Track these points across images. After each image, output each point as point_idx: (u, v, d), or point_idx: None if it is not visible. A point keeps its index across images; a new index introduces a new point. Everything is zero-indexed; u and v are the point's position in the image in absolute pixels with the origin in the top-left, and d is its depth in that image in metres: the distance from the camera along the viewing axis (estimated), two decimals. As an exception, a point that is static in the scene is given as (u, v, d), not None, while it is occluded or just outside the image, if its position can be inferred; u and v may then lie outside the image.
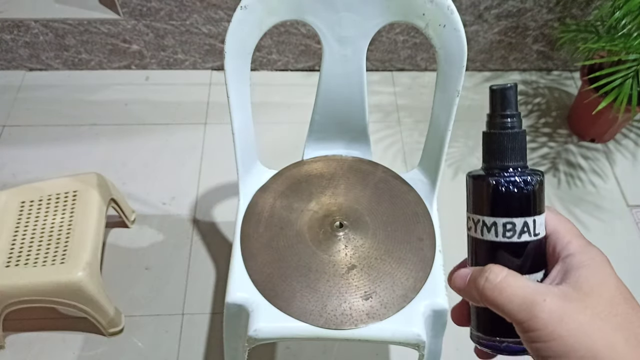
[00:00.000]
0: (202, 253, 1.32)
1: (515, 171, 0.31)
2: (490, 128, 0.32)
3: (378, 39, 1.65)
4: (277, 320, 0.77)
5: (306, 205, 0.90)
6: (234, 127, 0.83)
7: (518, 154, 0.31)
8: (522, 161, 0.31)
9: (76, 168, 1.46)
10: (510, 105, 0.31)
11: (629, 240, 1.39)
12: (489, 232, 0.31)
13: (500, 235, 0.31)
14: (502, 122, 0.31)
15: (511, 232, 0.30)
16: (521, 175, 0.30)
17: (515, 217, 0.30)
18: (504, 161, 0.31)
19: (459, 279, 0.32)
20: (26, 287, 1.01)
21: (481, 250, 0.32)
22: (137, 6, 1.51)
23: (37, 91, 1.66)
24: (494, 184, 0.31)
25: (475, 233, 0.32)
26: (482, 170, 0.32)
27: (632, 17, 1.21)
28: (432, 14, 0.77)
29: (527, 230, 0.30)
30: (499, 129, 0.31)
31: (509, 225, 0.30)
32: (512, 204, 0.30)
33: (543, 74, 1.78)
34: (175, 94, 1.66)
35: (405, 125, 1.61)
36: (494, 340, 0.32)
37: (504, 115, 0.31)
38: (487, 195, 0.31)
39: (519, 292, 0.28)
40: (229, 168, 1.45)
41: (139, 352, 1.16)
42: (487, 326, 0.33)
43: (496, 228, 0.31)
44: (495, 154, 0.31)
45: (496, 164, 0.31)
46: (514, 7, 1.55)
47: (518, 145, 0.31)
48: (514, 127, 0.31)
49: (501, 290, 0.28)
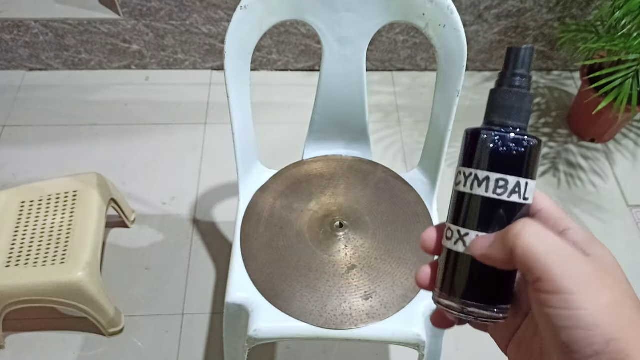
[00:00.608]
0: (202, 253, 1.32)
1: (515, 130, 0.30)
2: (497, 85, 0.32)
3: (378, 39, 1.65)
4: (277, 320, 0.77)
5: (306, 205, 0.90)
6: (234, 127, 0.83)
7: (521, 114, 0.31)
8: (524, 123, 0.31)
9: (76, 168, 1.46)
10: (523, 65, 0.31)
11: (629, 240, 1.39)
12: (479, 187, 0.30)
13: (490, 191, 0.30)
14: (511, 80, 0.31)
15: (502, 189, 0.30)
16: (521, 134, 0.30)
17: (509, 175, 0.30)
18: (506, 118, 0.31)
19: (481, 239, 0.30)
20: (26, 287, 1.01)
21: (466, 205, 0.31)
22: (137, 6, 1.51)
23: (37, 91, 1.66)
24: (492, 137, 0.30)
25: (464, 187, 0.31)
26: (482, 126, 0.32)
27: (632, 17, 1.21)
28: (432, 14, 0.77)
29: (518, 190, 0.30)
30: (507, 86, 0.31)
31: (502, 182, 0.30)
32: (508, 160, 0.30)
33: (543, 74, 1.78)
34: (175, 94, 1.66)
35: (405, 125, 1.61)
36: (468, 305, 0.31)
37: (514, 73, 0.31)
38: (485, 148, 0.30)
39: (558, 247, 0.26)
40: (229, 168, 1.45)
41: (139, 352, 1.16)
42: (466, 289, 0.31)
43: (488, 183, 0.30)
44: (499, 110, 0.31)
45: (498, 120, 0.31)
46: (514, 7, 1.55)
47: (523, 105, 0.31)
48: (522, 86, 0.31)
49: (540, 240, 0.26)
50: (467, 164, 0.31)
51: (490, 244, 0.29)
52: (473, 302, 0.31)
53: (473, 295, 0.31)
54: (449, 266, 0.32)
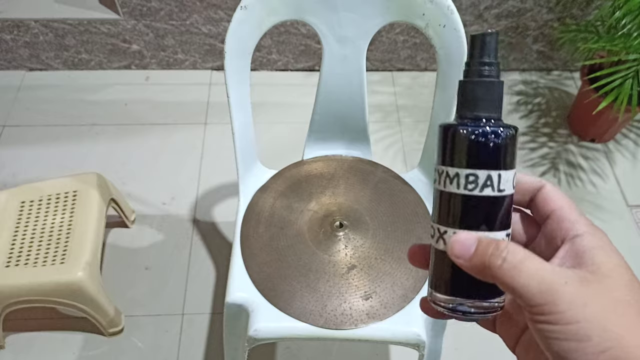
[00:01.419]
0: (202, 253, 1.32)
1: (485, 122, 0.30)
2: (465, 75, 0.31)
3: (378, 39, 1.65)
4: (277, 320, 0.77)
5: (306, 205, 0.90)
6: (234, 127, 0.83)
7: (491, 104, 0.30)
8: (495, 113, 0.30)
9: (76, 168, 1.46)
10: (489, 52, 0.30)
11: (629, 240, 1.39)
12: (451, 184, 0.30)
13: (462, 187, 0.29)
14: (479, 70, 0.30)
15: (473, 184, 0.29)
16: (491, 126, 0.29)
17: (478, 169, 0.29)
18: (475, 110, 0.30)
19: (460, 247, 0.29)
20: (26, 287, 1.01)
21: (443, 203, 0.31)
22: (137, 6, 1.51)
23: (37, 91, 1.66)
24: (460, 132, 0.29)
25: (439, 185, 0.31)
26: (453, 120, 0.31)
27: (632, 17, 1.21)
28: (432, 14, 0.77)
29: (490, 184, 0.29)
30: (475, 77, 0.30)
31: (472, 177, 0.29)
32: (476, 154, 0.29)
33: (543, 74, 1.78)
34: (175, 94, 1.66)
35: (405, 125, 1.61)
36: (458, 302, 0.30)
37: (481, 62, 0.30)
38: (453, 144, 0.30)
39: (538, 275, 0.26)
40: (229, 168, 1.45)
41: (139, 352, 1.16)
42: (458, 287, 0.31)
43: (458, 179, 0.29)
44: (467, 102, 0.30)
45: (466, 113, 0.30)
46: (514, 7, 1.55)
47: (491, 95, 0.30)
48: (490, 75, 0.30)
49: (519, 271, 0.26)
50: (440, 162, 0.31)
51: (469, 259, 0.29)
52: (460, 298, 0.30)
53: (459, 291, 0.30)
54: (434, 264, 0.32)
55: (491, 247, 0.28)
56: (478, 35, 0.30)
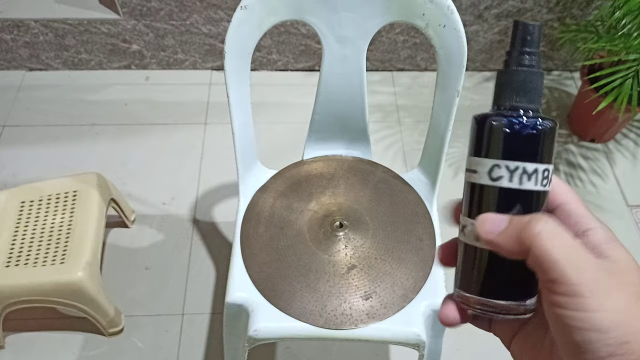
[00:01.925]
0: (202, 253, 1.32)
1: (525, 112, 0.29)
2: (505, 64, 0.30)
3: (378, 39, 1.65)
4: (277, 320, 0.77)
5: (306, 205, 0.90)
6: (234, 127, 0.83)
7: (531, 95, 0.29)
8: (534, 104, 0.29)
9: (76, 168, 1.46)
10: (532, 42, 0.29)
11: (629, 240, 1.39)
12: (488, 176, 0.29)
13: (499, 180, 0.28)
14: (520, 58, 0.29)
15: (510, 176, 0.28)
16: (531, 117, 0.28)
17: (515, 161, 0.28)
18: (514, 101, 0.29)
19: (491, 223, 0.28)
20: (26, 287, 1.01)
21: (476, 195, 0.30)
22: (137, 6, 1.51)
23: (37, 91, 1.66)
24: (496, 123, 0.28)
25: (472, 178, 0.30)
26: (491, 111, 0.30)
27: (632, 17, 1.21)
28: (432, 14, 0.77)
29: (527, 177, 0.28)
30: (516, 66, 0.29)
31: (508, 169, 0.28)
32: (517, 146, 0.28)
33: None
34: (175, 94, 1.66)
35: (405, 125, 1.61)
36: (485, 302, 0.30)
37: (523, 51, 0.29)
38: (489, 135, 0.29)
39: (573, 252, 0.26)
40: (229, 168, 1.45)
41: (139, 352, 1.16)
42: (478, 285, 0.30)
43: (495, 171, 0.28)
44: (506, 92, 0.29)
45: (505, 103, 0.29)
46: (514, 7, 1.55)
47: (533, 85, 0.29)
48: (532, 65, 0.29)
49: (556, 243, 0.26)
50: (474, 153, 0.30)
51: (502, 232, 0.28)
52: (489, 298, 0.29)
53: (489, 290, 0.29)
54: (464, 261, 0.31)
55: (526, 217, 0.27)
56: (522, 23, 0.29)
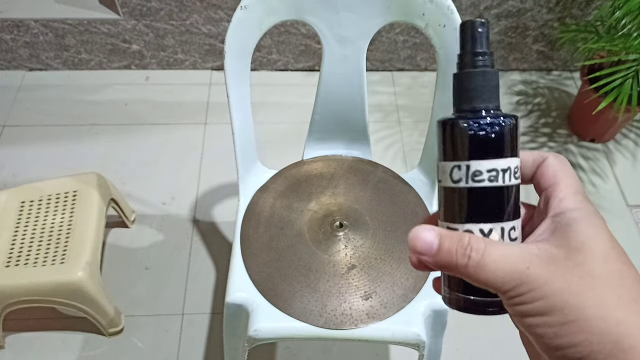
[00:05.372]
0: (202, 253, 1.32)
1: (485, 113, 0.29)
2: (459, 67, 0.30)
3: (378, 39, 1.65)
4: (277, 320, 0.77)
5: (306, 205, 0.90)
6: (234, 127, 0.83)
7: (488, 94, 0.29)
8: (492, 103, 0.30)
9: (76, 168, 1.46)
10: (482, 42, 0.29)
11: (629, 240, 1.39)
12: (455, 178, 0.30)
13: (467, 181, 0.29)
14: (473, 60, 0.29)
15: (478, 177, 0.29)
16: (491, 116, 0.29)
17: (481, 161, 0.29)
18: (472, 103, 0.30)
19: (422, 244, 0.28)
20: (26, 287, 1.01)
21: (448, 199, 0.30)
22: (137, 6, 1.51)
23: (37, 91, 1.66)
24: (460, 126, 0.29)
25: (442, 182, 0.31)
26: (452, 114, 0.31)
27: (632, 17, 1.21)
28: (432, 14, 0.77)
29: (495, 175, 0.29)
30: (470, 68, 0.30)
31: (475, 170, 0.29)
32: (477, 147, 0.29)
33: (543, 74, 1.78)
34: (175, 94, 1.66)
35: (405, 125, 1.61)
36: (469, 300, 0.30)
37: (475, 52, 0.29)
38: (453, 138, 0.30)
39: (502, 264, 0.26)
40: (229, 168, 1.45)
41: (139, 352, 1.16)
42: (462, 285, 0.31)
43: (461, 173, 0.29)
44: (463, 95, 0.30)
45: (463, 105, 0.30)
46: (514, 7, 1.55)
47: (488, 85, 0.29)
48: (485, 65, 0.29)
49: (484, 266, 0.27)
50: (442, 158, 0.31)
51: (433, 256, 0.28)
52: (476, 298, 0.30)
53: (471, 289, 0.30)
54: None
55: (455, 244, 0.28)
56: (469, 22, 0.30)
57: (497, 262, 0.27)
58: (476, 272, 0.27)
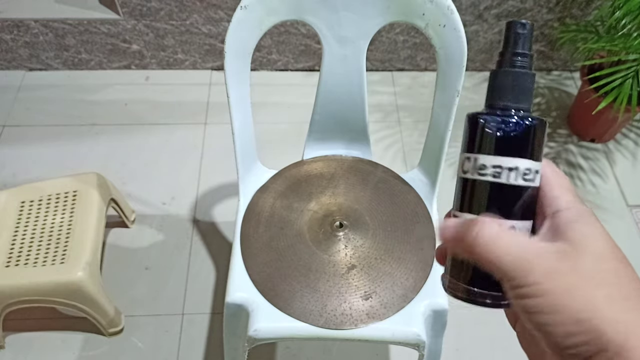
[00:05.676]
0: (202, 253, 1.32)
1: (512, 111, 0.30)
2: (498, 65, 0.31)
3: (378, 39, 1.65)
4: (277, 320, 0.77)
5: (306, 205, 0.90)
6: (234, 127, 0.83)
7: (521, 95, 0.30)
8: (524, 104, 0.30)
9: (76, 168, 1.46)
10: (524, 43, 0.30)
11: (629, 240, 1.39)
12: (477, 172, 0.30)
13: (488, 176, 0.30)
14: (512, 60, 0.30)
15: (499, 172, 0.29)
16: (518, 116, 0.30)
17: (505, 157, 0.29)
18: (503, 100, 0.30)
19: (448, 230, 0.30)
20: (26, 287, 1.01)
21: (467, 191, 0.31)
22: (137, 6, 1.51)
23: (37, 91, 1.66)
24: (485, 122, 0.30)
25: (463, 173, 0.31)
26: (484, 109, 0.31)
27: (632, 17, 1.21)
28: (432, 14, 0.77)
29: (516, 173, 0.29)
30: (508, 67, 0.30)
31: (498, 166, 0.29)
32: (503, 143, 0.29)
33: (543, 74, 1.78)
34: (175, 94, 1.66)
35: (405, 125, 1.61)
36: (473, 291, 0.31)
37: (515, 52, 0.30)
38: (469, 132, 0.31)
39: (512, 249, 0.27)
40: (229, 168, 1.45)
41: (139, 352, 1.16)
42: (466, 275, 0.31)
43: (484, 167, 0.30)
44: (497, 92, 0.31)
45: (495, 102, 0.31)
46: (514, 7, 1.55)
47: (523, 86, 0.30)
48: (523, 66, 0.30)
49: (494, 245, 0.27)
50: (466, 149, 0.31)
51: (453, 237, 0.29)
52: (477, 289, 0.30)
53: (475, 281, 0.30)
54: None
55: (466, 223, 0.28)
56: (512, 24, 0.30)
57: (509, 245, 0.27)
58: (483, 250, 0.27)
